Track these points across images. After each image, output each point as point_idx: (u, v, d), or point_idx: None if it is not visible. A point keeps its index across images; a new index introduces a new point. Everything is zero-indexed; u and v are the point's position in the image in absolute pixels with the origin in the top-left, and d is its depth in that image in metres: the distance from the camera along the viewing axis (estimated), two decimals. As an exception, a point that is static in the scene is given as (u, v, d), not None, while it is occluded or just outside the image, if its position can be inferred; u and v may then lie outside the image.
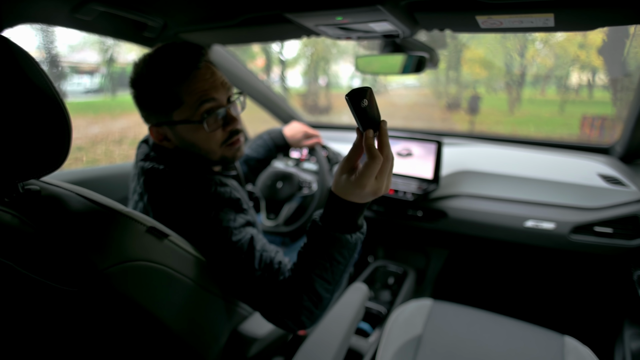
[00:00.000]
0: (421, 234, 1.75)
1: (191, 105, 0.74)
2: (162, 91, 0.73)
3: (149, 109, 0.78)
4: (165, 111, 0.75)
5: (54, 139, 0.51)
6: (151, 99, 0.75)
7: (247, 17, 1.02)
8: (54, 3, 0.87)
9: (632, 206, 1.19)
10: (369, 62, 1.19)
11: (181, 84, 0.73)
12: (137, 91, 0.77)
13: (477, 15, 0.81)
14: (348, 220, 0.65)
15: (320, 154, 1.44)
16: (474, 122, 2.61)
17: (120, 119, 2.59)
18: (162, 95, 0.74)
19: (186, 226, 0.72)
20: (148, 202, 0.77)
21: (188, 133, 0.77)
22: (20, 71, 0.47)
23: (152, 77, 0.74)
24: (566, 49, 2.36)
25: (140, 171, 0.80)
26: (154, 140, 0.80)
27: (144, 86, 0.75)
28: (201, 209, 0.73)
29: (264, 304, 0.71)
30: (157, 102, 0.75)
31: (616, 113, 1.78)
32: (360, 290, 1.07)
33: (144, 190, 0.78)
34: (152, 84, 0.74)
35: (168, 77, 0.73)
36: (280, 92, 2.27)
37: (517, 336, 1.02)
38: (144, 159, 0.81)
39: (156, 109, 0.76)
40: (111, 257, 0.54)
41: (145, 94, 0.76)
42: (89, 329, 0.60)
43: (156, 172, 0.77)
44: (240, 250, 0.71)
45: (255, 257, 0.71)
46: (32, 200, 0.55)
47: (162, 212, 0.74)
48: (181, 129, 0.77)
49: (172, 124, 0.77)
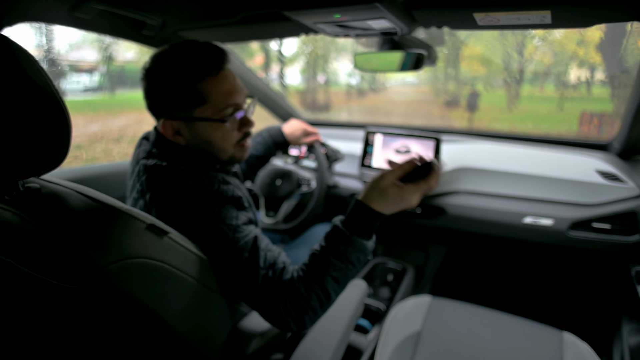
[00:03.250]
0: (420, 230, 1.75)
1: (216, 104, 0.77)
2: (185, 87, 0.75)
3: (165, 103, 0.78)
4: (186, 107, 0.77)
5: (53, 137, 0.52)
6: (171, 93, 0.76)
7: (246, 14, 1.02)
8: (53, 1, 0.87)
9: (630, 202, 1.20)
10: (367, 60, 1.20)
11: (206, 82, 0.75)
12: (152, 84, 0.77)
13: (475, 13, 0.82)
14: (369, 228, 0.72)
15: (319, 152, 1.44)
16: (472, 119, 2.62)
17: (119, 117, 2.59)
18: (184, 91, 0.75)
19: (189, 224, 0.72)
20: (150, 200, 0.76)
21: (206, 130, 0.79)
22: (19, 69, 0.48)
23: (173, 73, 0.75)
24: (565, 45, 2.36)
25: (142, 169, 0.80)
26: (165, 133, 0.80)
27: (163, 80, 0.76)
28: (204, 207, 0.73)
29: (266, 302, 0.71)
30: (177, 97, 0.76)
31: (614, 109, 1.79)
32: (359, 287, 1.07)
33: (145, 188, 0.78)
34: (173, 79, 0.75)
35: (192, 74, 0.74)
36: (279, 89, 2.27)
37: (516, 332, 1.03)
38: (147, 157, 0.81)
39: (175, 104, 0.77)
40: (111, 254, 0.54)
41: (163, 88, 0.76)
42: (89, 327, 0.60)
43: (159, 169, 0.77)
44: (244, 248, 0.72)
45: (260, 255, 0.72)
46: (32, 198, 0.56)
47: (164, 210, 0.74)
48: (200, 125, 0.78)
49: (192, 120, 0.78)
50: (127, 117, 2.62)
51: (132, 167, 0.87)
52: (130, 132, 2.51)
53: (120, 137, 2.43)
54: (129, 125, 2.58)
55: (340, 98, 3.57)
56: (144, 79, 0.78)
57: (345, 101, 3.55)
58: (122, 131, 2.50)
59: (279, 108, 1.98)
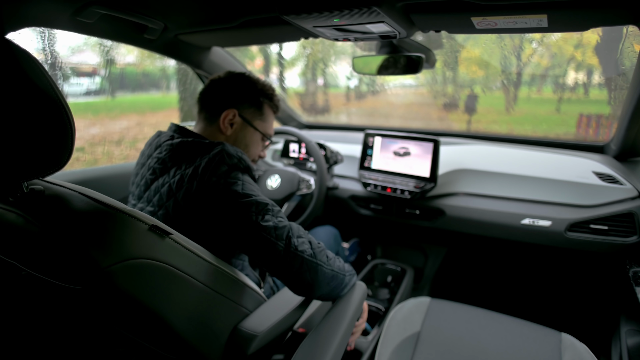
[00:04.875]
0: (419, 232, 1.76)
1: (269, 126, 1.05)
2: (254, 96, 0.99)
3: (240, 100, 0.97)
4: (251, 113, 0.98)
5: (57, 140, 0.52)
6: (243, 93, 0.97)
7: (246, 19, 1.03)
8: (56, 7, 0.88)
9: (627, 203, 1.21)
10: (366, 63, 1.21)
11: (269, 105, 1.02)
12: (224, 84, 0.97)
13: (472, 17, 0.83)
14: None
15: (318, 154, 1.45)
16: (470, 121, 2.62)
17: (120, 120, 2.60)
18: (255, 101, 0.99)
19: (219, 191, 0.77)
20: (174, 173, 0.82)
21: (252, 137, 1.00)
22: (23, 73, 0.48)
23: (248, 82, 0.99)
24: (562, 48, 2.38)
25: (167, 148, 0.87)
26: (223, 119, 0.94)
27: (237, 83, 0.98)
28: (233, 174, 0.81)
29: (286, 266, 0.79)
30: (250, 102, 0.98)
31: (611, 112, 1.80)
32: (359, 288, 1.08)
33: (170, 163, 0.85)
34: (247, 85, 0.98)
35: (262, 91, 1.00)
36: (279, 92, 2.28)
37: (514, 333, 1.04)
38: (170, 139, 0.89)
39: (246, 105, 0.98)
40: (114, 255, 0.55)
41: (236, 87, 0.97)
42: (91, 326, 0.60)
43: (185, 144, 0.85)
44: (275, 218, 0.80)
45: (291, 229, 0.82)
46: (36, 200, 0.56)
47: (193, 178, 0.79)
48: (251, 131, 0.99)
49: (250, 125, 0.98)
50: (127, 119, 2.63)
51: (143, 157, 0.94)
52: (130, 134, 2.52)
53: (120, 140, 2.43)
54: (130, 127, 2.59)
55: (340, 100, 3.58)
56: (213, 81, 0.98)
57: (345, 103, 3.55)
58: (123, 134, 2.50)
59: (279, 111, 1.98)
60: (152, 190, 0.86)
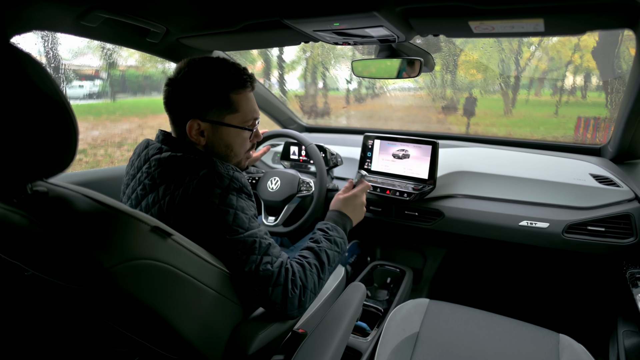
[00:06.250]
0: (418, 233, 1.77)
1: (244, 115, 0.89)
2: (219, 94, 0.85)
3: (197, 105, 0.84)
4: (218, 112, 0.86)
5: (60, 142, 0.53)
6: (205, 97, 0.84)
7: (247, 23, 1.05)
8: (60, 11, 0.89)
9: (624, 205, 1.21)
10: (366, 66, 1.22)
11: (239, 94, 0.87)
12: (183, 87, 0.84)
13: (470, 21, 0.84)
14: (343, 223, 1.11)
15: (318, 156, 1.46)
16: (469, 124, 2.64)
17: (121, 122, 2.61)
18: (219, 98, 0.85)
19: (204, 209, 0.76)
20: (164, 191, 0.80)
21: (229, 135, 0.89)
22: (26, 77, 0.49)
23: (210, 79, 0.84)
24: (560, 51, 2.39)
25: (155, 163, 0.83)
26: (189, 132, 0.85)
27: (198, 84, 0.83)
28: (219, 191, 0.77)
29: (273, 284, 0.79)
30: (211, 102, 0.84)
31: (609, 114, 1.81)
32: (358, 290, 1.08)
33: (159, 180, 0.81)
34: (209, 84, 0.83)
35: (229, 84, 0.85)
36: (279, 94, 2.29)
37: (513, 334, 1.04)
38: (159, 152, 0.85)
39: (208, 107, 0.85)
40: (116, 256, 0.55)
41: (197, 91, 0.83)
42: (93, 326, 0.61)
43: (174, 159, 0.82)
44: (257, 235, 0.79)
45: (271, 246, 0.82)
46: (40, 201, 0.57)
47: (179, 199, 0.77)
48: (226, 130, 0.88)
49: (222, 124, 0.87)
50: (129, 122, 2.64)
51: (132, 169, 0.90)
52: (131, 137, 2.53)
53: (121, 142, 2.44)
54: (131, 129, 2.60)
55: (339, 103, 3.60)
56: (172, 83, 0.85)
57: (344, 106, 3.57)
58: (124, 136, 2.51)
59: (280, 113, 2.00)
60: (143, 207, 0.84)
